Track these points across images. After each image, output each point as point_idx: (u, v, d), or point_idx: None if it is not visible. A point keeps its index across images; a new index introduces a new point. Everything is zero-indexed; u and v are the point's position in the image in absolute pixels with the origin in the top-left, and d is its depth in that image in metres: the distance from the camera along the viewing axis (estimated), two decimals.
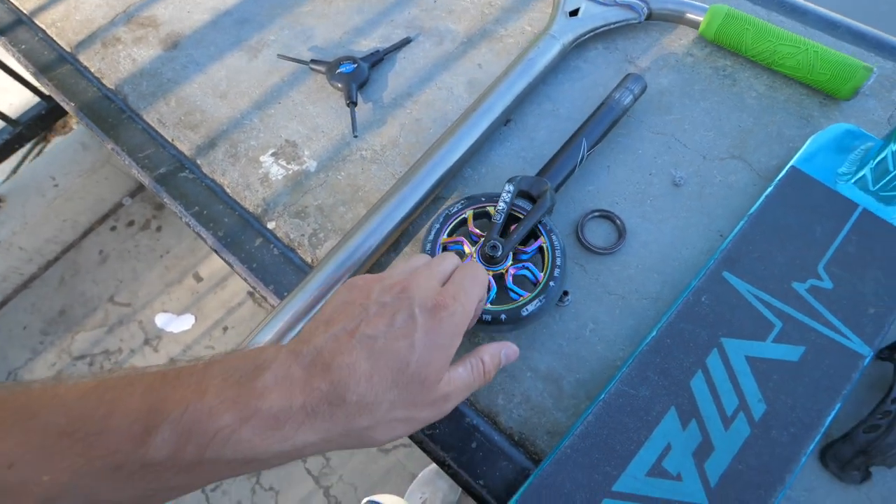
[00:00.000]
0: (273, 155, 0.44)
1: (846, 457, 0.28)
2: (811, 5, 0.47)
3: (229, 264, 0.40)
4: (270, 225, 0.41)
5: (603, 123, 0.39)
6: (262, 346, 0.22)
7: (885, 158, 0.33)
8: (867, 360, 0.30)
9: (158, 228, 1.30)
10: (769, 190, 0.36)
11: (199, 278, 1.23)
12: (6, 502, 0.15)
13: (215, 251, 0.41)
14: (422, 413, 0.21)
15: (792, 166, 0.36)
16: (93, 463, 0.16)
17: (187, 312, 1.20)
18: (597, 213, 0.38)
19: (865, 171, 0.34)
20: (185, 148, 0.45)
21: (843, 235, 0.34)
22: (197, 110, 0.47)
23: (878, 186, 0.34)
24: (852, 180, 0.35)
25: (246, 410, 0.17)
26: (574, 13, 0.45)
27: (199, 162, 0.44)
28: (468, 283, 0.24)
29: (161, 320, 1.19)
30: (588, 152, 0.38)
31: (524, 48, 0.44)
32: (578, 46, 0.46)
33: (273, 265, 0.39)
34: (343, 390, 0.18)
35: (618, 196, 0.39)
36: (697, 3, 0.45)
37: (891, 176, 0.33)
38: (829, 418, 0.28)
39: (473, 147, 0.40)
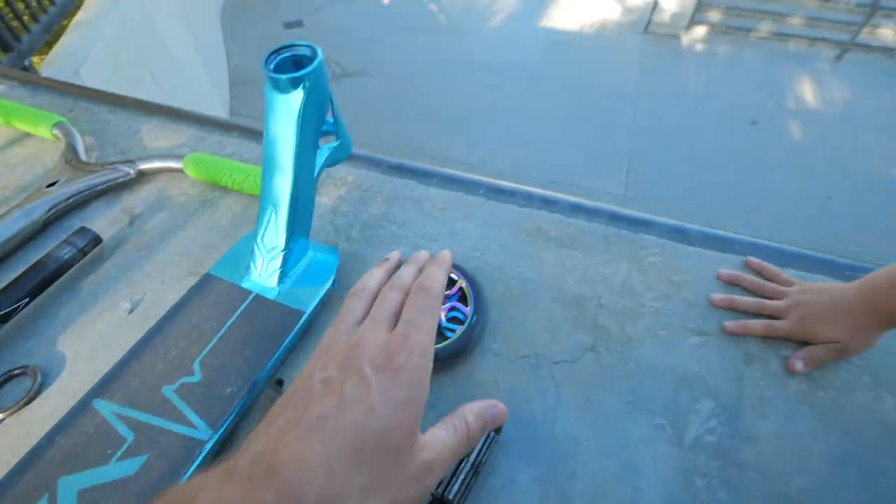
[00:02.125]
0: None
1: None
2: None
3: None
4: None
5: (32, 280, 0.40)
6: (191, 478, 0.17)
7: (252, 253, 0.39)
8: (209, 443, 0.30)
9: None
10: (178, 299, 0.39)
11: None
12: None
13: None
14: (404, 493, 0.18)
15: (206, 273, 0.40)
16: None
17: None
18: (11, 373, 0.37)
19: (250, 264, 0.40)
20: None
21: (231, 322, 0.37)
22: None
23: (260, 274, 0.39)
24: (250, 275, 0.40)
25: None
26: (52, 185, 0.49)
27: None
28: (417, 316, 0.21)
29: None
30: (13, 309, 0.38)
31: None
32: (83, 205, 0.50)
33: None
34: (298, 492, 0.15)
35: (60, 344, 0.39)
36: (176, 155, 0.52)
37: (260, 265, 0.39)
38: None
39: None
